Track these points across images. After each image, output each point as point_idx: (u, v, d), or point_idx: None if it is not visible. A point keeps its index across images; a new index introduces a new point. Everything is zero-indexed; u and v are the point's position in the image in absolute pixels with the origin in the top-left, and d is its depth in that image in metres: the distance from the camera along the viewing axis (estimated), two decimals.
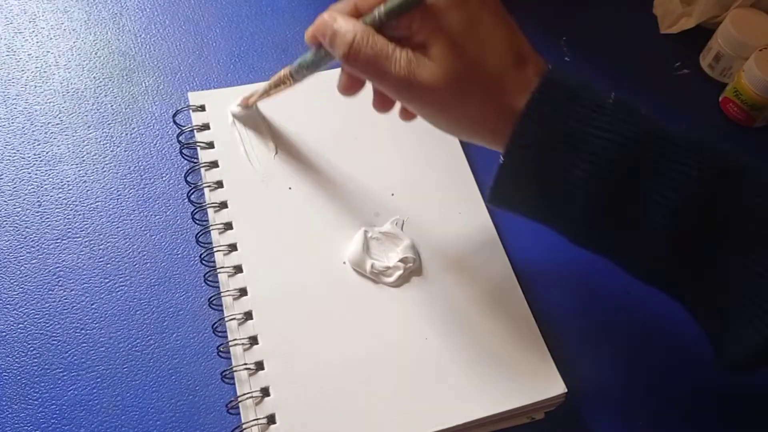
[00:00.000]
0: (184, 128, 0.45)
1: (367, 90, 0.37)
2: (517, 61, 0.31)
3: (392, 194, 0.44)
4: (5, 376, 0.37)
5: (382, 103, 0.37)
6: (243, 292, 0.39)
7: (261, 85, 0.43)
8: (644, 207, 0.30)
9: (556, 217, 0.33)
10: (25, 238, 0.42)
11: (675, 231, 0.30)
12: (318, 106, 0.47)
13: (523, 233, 0.44)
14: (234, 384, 0.37)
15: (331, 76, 0.49)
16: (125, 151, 0.46)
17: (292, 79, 0.40)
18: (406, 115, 0.38)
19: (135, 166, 0.45)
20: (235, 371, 0.37)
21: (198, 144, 0.44)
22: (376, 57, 0.31)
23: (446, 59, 0.30)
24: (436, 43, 0.31)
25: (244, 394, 0.36)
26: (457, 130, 0.34)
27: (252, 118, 0.46)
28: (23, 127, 0.46)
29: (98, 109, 0.47)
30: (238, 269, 0.40)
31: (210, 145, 0.45)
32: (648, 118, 0.31)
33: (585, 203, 0.31)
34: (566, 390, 0.37)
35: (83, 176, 0.44)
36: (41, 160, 0.45)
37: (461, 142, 0.47)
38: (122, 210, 0.43)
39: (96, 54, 0.50)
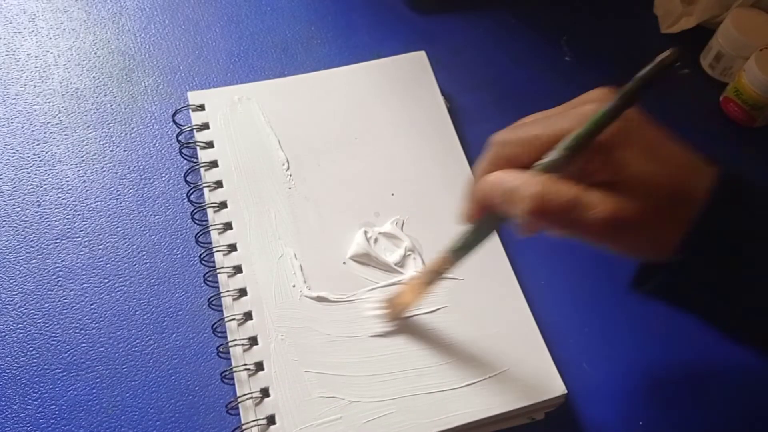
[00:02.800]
0: (183, 128, 0.45)
1: (368, 91, 0.37)
2: (694, 168, 0.30)
3: (392, 194, 0.44)
4: (5, 376, 0.37)
5: (532, 229, 0.32)
6: (243, 292, 0.39)
7: (405, 288, 0.37)
8: None
9: (725, 315, 0.32)
10: (24, 238, 0.42)
11: None
12: (318, 107, 0.47)
13: None
14: (234, 384, 0.37)
15: (332, 76, 0.49)
16: (125, 150, 0.46)
17: (451, 264, 0.35)
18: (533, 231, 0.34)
19: (134, 166, 0.45)
20: (235, 372, 0.37)
21: (197, 144, 0.44)
22: (570, 205, 0.28)
23: (642, 190, 0.28)
24: (626, 177, 0.28)
25: (244, 395, 0.36)
26: (653, 253, 0.31)
27: (255, 122, 0.46)
28: (22, 127, 0.46)
29: (98, 109, 0.47)
30: (238, 269, 0.40)
31: (209, 145, 0.45)
32: None
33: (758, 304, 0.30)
34: (566, 391, 0.37)
35: (82, 176, 0.44)
36: (41, 160, 0.45)
37: (461, 142, 0.46)
38: (122, 210, 0.43)
39: (95, 54, 0.50)
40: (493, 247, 0.42)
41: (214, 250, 0.41)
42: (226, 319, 0.38)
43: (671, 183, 0.29)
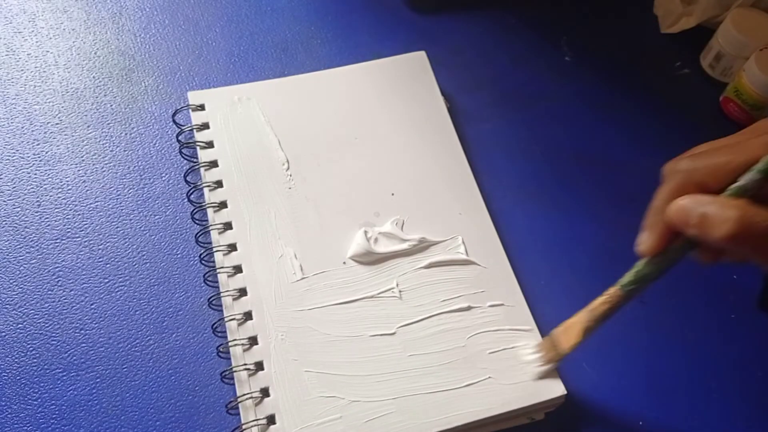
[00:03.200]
0: (183, 128, 0.45)
1: (368, 91, 0.37)
2: None
3: (392, 194, 0.44)
4: (4, 376, 0.37)
5: (711, 257, 0.32)
6: (243, 292, 0.39)
7: (567, 329, 0.36)
8: None
9: None
10: (24, 238, 0.42)
11: None
12: (318, 107, 0.47)
13: (523, 234, 0.45)
14: (234, 384, 0.37)
15: (332, 76, 0.49)
16: (125, 150, 0.46)
17: (626, 297, 0.33)
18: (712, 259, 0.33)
19: (134, 166, 0.45)
20: (235, 371, 0.37)
21: (197, 143, 0.44)
22: None
23: None
24: None
25: (244, 395, 0.36)
26: None
27: (255, 122, 0.46)
28: (22, 127, 0.46)
29: (98, 109, 0.47)
30: (238, 269, 0.40)
31: (209, 145, 0.45)
32: None
33: None
34: (566, 392, 0.37)
35: (82, 176, 0.44)
36: (40, 160, 0.45)
37: (461, 142, 0.46)
38: (122, 210, 0.43)
39: (95, 53, 0.50)
40: (493, 247, 0.42)
41: (214, 249, 0.41)
42: (226, 319, 0.38)
43: None
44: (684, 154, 0.31)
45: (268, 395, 0.36)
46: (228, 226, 0.42)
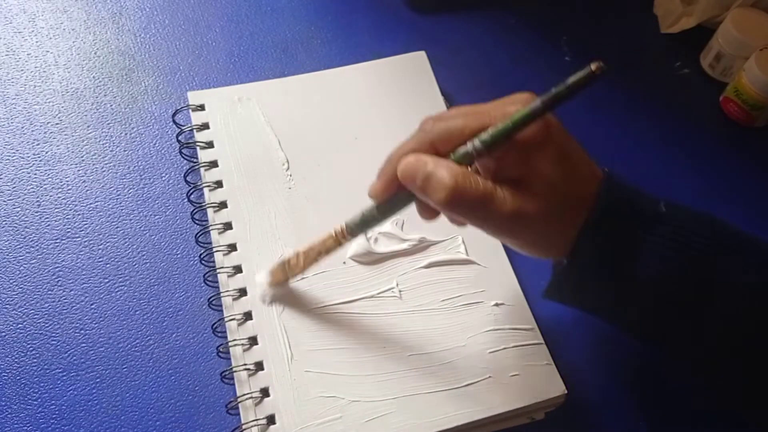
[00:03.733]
0: (183, 128, 0.45)
1: (368, 91, 0.37)
2: (592, 177, 0.32)
3: None
4: (4, 376, 0.37)
5: (430, 214, 0.35)
6: (242, 292, 0.39)
7: (296, 253, 0.38)
8: (699, 321, 0.32)
9: (612, 316, 0.35)
10: (24, 238, 0.42)
11: (730, 339, 0.32)
12: (318, 107, 0.47)
13: None
14: (234, 384, 0.37)
15: (332, 76, 0.49)
16: (125, 150, 0.46)
17: (350, 236, 0.36)
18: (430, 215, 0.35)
19: (134, 166, 0.45)
20: (235, 371, 0.37)
21: (197, 143, 0.44)
22: (482, 199, 0.30)
23: (548, 191, 0.30)
24: (535, 177, 0.30)
25: (244, 395, 0.36)
26: (548, 252, 0.33)
27: (255, 122, 0.46)
28: (22, 127, 0.46)
29: (98, 109, 0.47)
30: (238, 269, 0.40)
31: (209, 145, 0.45)
32: (707, 224, 0.32)
33: (644, 305, 0.32)
34: (566, 391, 0.37)
35: (82, 176, 0.44)
36: (40, 160, 0.45)
37: None
38: (122, 210, 0.43)
39: (95, 53, 0.50)
40: (493, 246, 0.42)
41: (214, 250, 0.41)
42: (226, 319, 0.38)
43: (570, 189, 0.31)
44: (440, 113, 0.33)
45: (267, 395, 0.36)
46: (228, 226, 0.42)
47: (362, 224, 0.35)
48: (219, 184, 0.43)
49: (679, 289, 0.31)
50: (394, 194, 0.33)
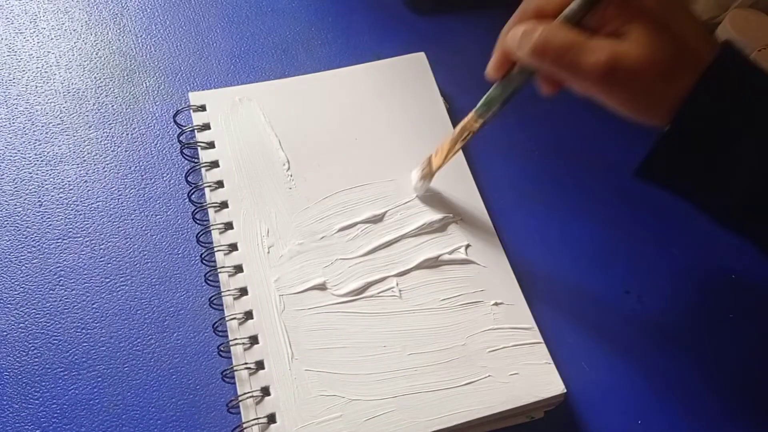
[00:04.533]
0: (184, 128, 0.45)
1: (368, 91, 0.37)
2: (697, 28, 0.31)
3: (392, 194, 0.44)
4: (6, 375, 0.37)
5: (551, 86, 0.35)
6: (243, 291, 0.39)
7: (442, 146, 0.41)
8: None
9: (709, 194, 0.32)
10: (26, 237, 0.42)
11: None
12: (318, 107, 0.47)
13: (523, 234, 0.45)
14: (234, 383, 0.37)
15: (332, 77, 0.49)
16: (126, 151, 0.46)
17: (481, 119, 0.38)
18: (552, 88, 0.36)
19: (136, 166, 0.45)
20: (236, 370, 0.37)
21: (199, 144, 0.45)
22: (570, 47, 0.30)
23: (653, 40, 0.30)
24: (639, 26, 0.30)
25: (245, 394, 0.36)
26: (647, 110, 0.32)
27: (256, 123, 0.46)
28: (24, 128, 0.46)
29: (99, 109, 0.48)
30: (239, 269, 0.40)
31: (211, 145, 0.45)
32: None
33: (747, 181, 0.30)
34: (565, 390, 0.37)
35: (84, 176, 0.45)
36: (42, 160, 0.45)
37: (463, 146, 0.47)
38: (123, 210, 0.43)
39: (97, 54, 0.50)
40: (492, 246, 0.42)
41: (215, 249, 0.41)
42: (226, 318, 0.39)
43: (678, 42, 0.30)
44: None
45: (268, 394, 0.36)
46: (229, 225, 0.42)
47: (486, 105, 0.37)
48: (220, 184, 0.43)
49: None
50: (508, 70, 0.35)
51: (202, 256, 0.41)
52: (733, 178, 0.31)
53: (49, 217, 0.43)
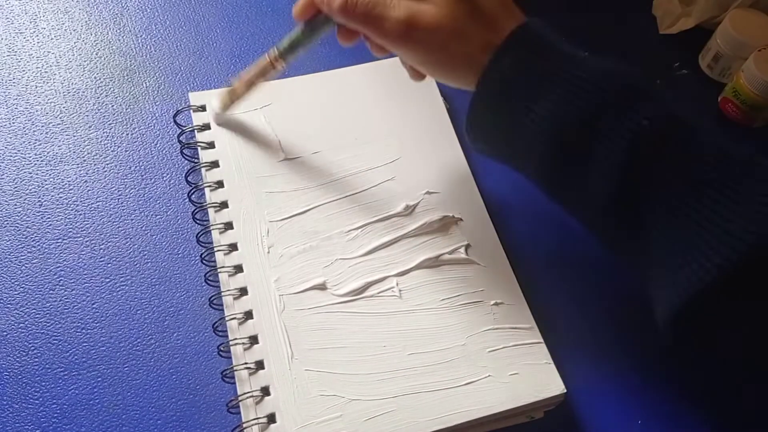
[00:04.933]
0: (184, 128, 0.45)
1: (368, 91, 0.37)
2: (506, 8, 0.34)
3: (392, 195, 0.44)
4: (6, 375, 0.37)
5: (348, 37, 0.38)
6: (243, 291, 0.39)
7: (241, 78, 0.42)
8: (589, 167, 0.32)
9: (516, 158, 0.35)
10: (26, 237, 0.42)
11: (616, 189, 0.31)
12: (318, 107, 0.47)
13: (523, 232, 0.45)
14: (234, 383, 0.37)
15: (332, 77, 0.49)
16: (126, 151, 0.46)
17: (282, 61, 0.40)
18: (416, 75, 0.40)
19: (136, 166, 0.45)
20: (236, 370, 0.37)
21: (199, 144, 0.45)
22: (374, 5, 0.33)
23: (452, 5, 0.33)
24: None
25: (245, 393, 0.36)
26: (448, 71, 0.35)
27: (256, 123, 0.46)
28: (24, 128, 0.46)
29: (99, 110, 0.48)
30: (239, 269, 0.40)
31: (211, 145, 0.45)
32: (622, 75, 0.33)
33: (541, 150, 0.33)
34: (565, 390, 0.37)
35: (84, 176, 0.45)
36: (42, 160, 0.45)
37: (463, 146, 0.47)
38: (123, 210, 0.43)
39: (97, 54, 0.50)
40: (493, 246, 0.43)
41: (215, 249, 0.41)
42: (226, 318, 0.39)
43: (477, 11, 0.33)
44: None
45: (268, 394, 0.36)
46: (229, 225, 0.42)
47: (290, 47, 0.40)
48: (220, 184, 0.43)
49: (570, 141, 0.32)
50: (313, 17, 0.38)
51: (202, 256, 0.41)
52: (530, 146, 0.33)
53: (49, 217, 0.43)
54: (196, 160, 0.45)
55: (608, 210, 0.32)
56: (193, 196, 0.43)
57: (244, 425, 0.35)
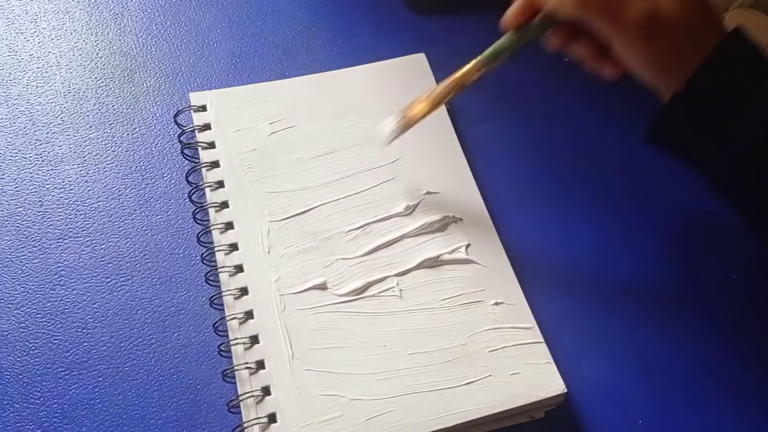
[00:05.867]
0: (185, 128, 0.46)
1: (368, 92, 0.37)
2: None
3: (392, 195, 0.44)
4: (7, 375, 0.37)
5: (562, 39, 0.37)
6: (244, 291, 0.40)
7: (433, 92, 0.40)
8: None
9: (710, 161, 0.34)
10: (27, 237, 0.42)
11: None
12: (319, 108, 0.47)
13: (523, 233, 0.45)
14: (235, 383, 0.37)
15: (332, 78, 0.49)
16: (126, 151, 0.46)
17: (483, 71, 0.38)
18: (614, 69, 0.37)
19: (136, 166, 0.45)
20: (236, 370, 0.37)
21: (199, 144, 0.45)
22: None
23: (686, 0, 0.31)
24: None
25: (245, 393, 0.36)
26: (668, 64, 0.33)
27: (256, 123, 0.46)
28: (25, 128, 0.46)
29: (100, 110, 0.48)
30: (239, 269, 0.40)
31: (211, 145, 0.45)
32: None
33: (747, 151, 0.32)
34: (566, 390, 0.37)
35: (85, 176, 0.45)
36: (43, 160, 0.45)
37: (461, 143, 0.47)
38: (123, 210, 0.43)
39: (97, 54, 0.50)
40: (493, 246, 0.43)
41: (216, 249, 0.41)
42: (227, 318, 0.39)
43: (703, 5, 0.32)
44: None
45: (269, 394, 0.36)
46: (229, 225, 0.42)
47: (494, 54, 0.37)
48: (220, 184, 0.43)
49: None
50: (528, 20, 0.35)
51: (203, 255, 0.41)
52: (740, 135, 0.32)
53: (49, 217, 0.43)
54: (196, 160, 0.45)
55: None
56: (194, 196, 0.43)
57: (245, 425, 0.36)
